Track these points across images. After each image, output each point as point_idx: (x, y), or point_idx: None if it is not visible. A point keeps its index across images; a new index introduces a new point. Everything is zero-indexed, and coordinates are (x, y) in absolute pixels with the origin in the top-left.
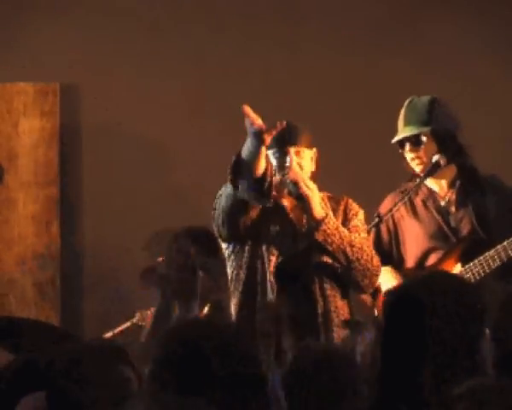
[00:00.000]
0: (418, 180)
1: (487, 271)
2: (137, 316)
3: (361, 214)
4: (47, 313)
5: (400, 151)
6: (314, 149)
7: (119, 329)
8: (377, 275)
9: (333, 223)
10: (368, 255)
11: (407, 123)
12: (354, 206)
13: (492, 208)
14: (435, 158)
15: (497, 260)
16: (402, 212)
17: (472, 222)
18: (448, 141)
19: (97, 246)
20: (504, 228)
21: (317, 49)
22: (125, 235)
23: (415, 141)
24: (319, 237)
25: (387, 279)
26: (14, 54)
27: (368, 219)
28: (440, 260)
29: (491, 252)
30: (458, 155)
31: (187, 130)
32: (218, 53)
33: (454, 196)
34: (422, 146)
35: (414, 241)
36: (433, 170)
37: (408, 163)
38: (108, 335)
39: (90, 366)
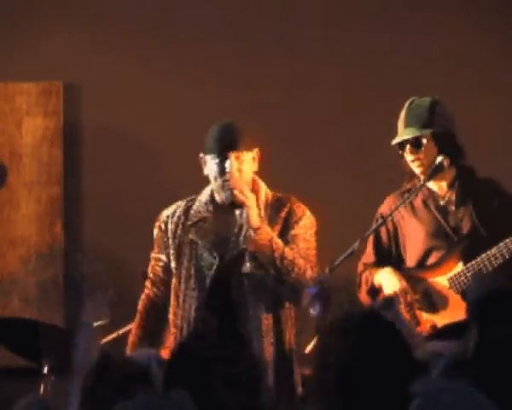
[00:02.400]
0: (420, 181)
1: (490, 269)
2: None
3: (305, 219)
4: (50, 313)
5: (400, 152)
6: (256, 149)
7: (123, 330)
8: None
9: (266, 234)
10: (300, 269)
11: (408, 125)
12: (298, 211)
13: (492, 209)
14: (439, 159)
15: (500, 258)
16: (402, 212)
17: (473, 220)
18: (448, 142)
19: (100, 246)
20: (505, 226)
21: (318, 48)
22: (127, 234)
23: (415, 143)
24: (250, 247)
25: (388, 280)
26: (17, 53)
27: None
28: (442, 259)
29: (493, 250)
30: (458, 157)
31: (189, 130)
32: (217, 54)
33: (453, 196)
34: (423, 148)
35: (414, 240)
36: (436, 171)
37: (407, 164)
38: (112, 336)
39: None
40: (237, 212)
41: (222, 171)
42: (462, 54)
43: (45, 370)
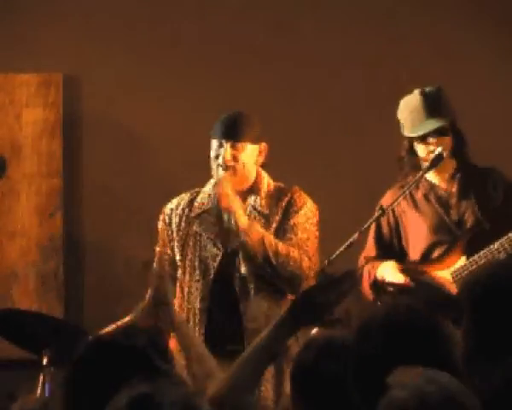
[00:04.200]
0: (419, 173)
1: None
2: None
3: (305, 209)
4: (50, 305)
5: (416, 143)
6: (263, 144)
7: (123, 322)
8: (307, 279)
9: (256, 233)
10: (295, 261)
11: (430, 115)
12: (299, 200)
13: (495, 200)
14: (439, 150)
15: (503, 253)
16: (403, 206)
17: (475, 213)
18: (457, 131)
19: (100, 237)
20: (508, 217)
21: (322, 35)
22: (127, 226)
23: (441, 132)
24: (242, 250)
25: (392, 275)
26: (17, 44)
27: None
28: (445, 253)
29: (496, 244)
30: (461, 147)
31: (188, 121)
32: (218, 48)
33: (455, 189)
34: (447, 136)
35: (417, 235)
36: (436, 162)
37: (408, 160)
38: (112, 327)
39: None
40: (225, 217)
41: (216, 156)
42: (462, 52)
43: (45, 361)
